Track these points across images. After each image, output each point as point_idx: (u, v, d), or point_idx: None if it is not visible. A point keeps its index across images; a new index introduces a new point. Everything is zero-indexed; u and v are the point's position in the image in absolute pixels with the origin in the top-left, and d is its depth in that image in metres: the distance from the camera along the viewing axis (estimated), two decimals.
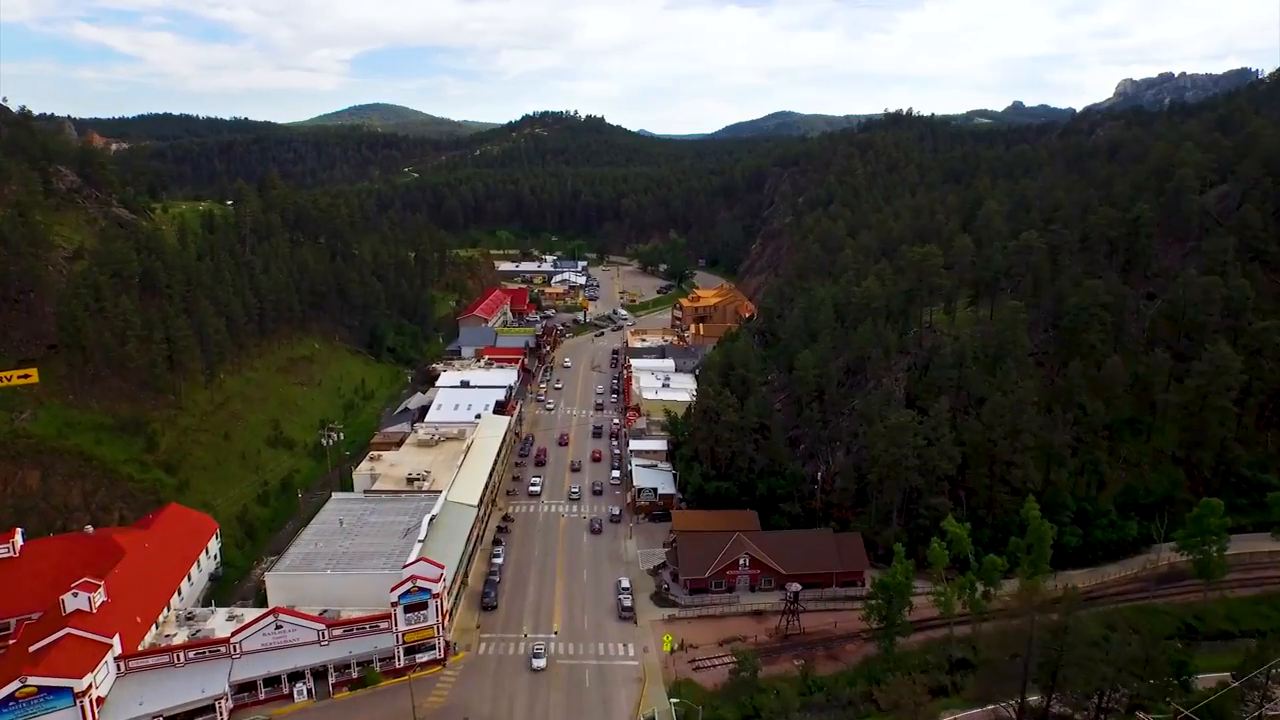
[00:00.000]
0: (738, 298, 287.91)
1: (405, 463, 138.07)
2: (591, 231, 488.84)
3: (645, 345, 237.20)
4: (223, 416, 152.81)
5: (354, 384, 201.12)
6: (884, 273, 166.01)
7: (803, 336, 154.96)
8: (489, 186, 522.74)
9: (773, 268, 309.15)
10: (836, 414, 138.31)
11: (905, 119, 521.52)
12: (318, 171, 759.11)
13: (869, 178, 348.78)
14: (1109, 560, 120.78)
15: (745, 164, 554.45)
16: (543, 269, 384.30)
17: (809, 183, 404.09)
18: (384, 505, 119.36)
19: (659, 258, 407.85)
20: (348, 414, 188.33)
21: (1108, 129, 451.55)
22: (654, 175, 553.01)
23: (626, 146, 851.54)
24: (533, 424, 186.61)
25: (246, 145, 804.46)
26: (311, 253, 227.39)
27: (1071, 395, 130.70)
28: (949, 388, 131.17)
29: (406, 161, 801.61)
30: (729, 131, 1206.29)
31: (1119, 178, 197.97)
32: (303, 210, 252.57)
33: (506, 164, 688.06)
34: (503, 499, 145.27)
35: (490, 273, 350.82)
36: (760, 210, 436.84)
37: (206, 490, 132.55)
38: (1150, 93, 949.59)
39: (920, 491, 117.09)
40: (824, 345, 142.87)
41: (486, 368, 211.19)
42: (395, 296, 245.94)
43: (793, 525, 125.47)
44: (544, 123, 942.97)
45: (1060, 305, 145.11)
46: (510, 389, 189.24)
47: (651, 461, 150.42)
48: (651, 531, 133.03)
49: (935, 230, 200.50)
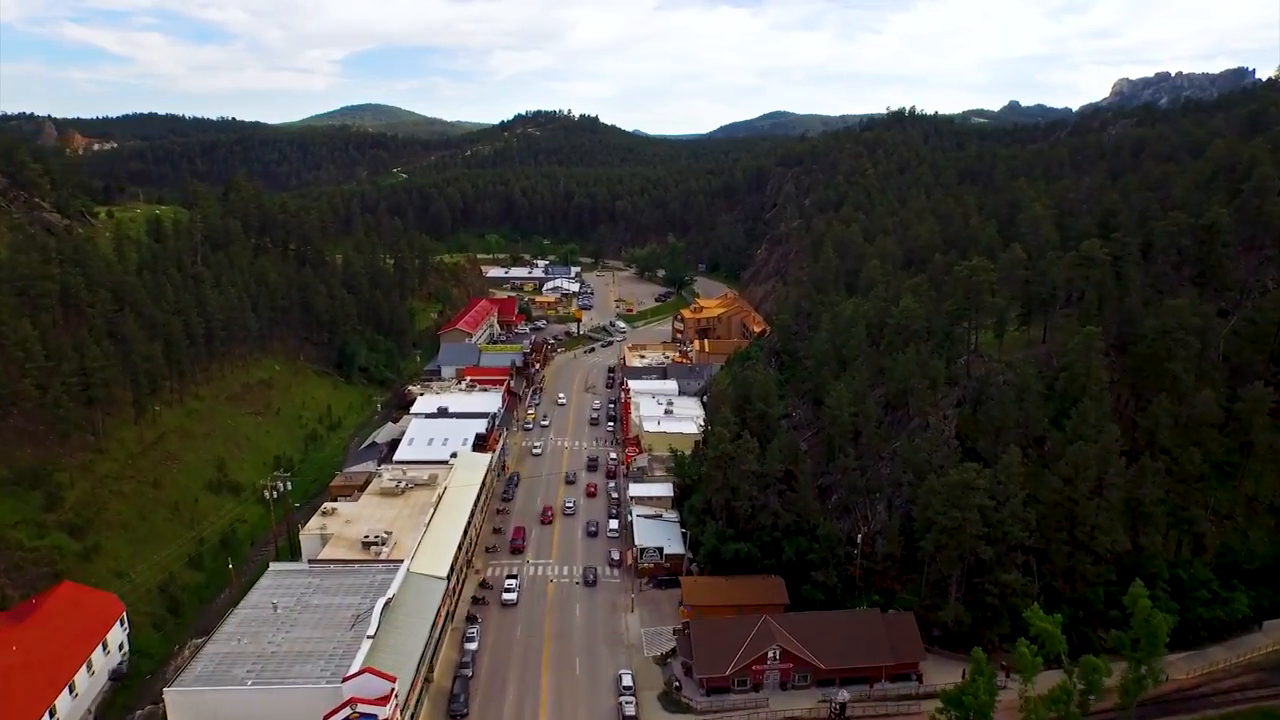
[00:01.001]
0: (743, 308, 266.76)
1: (364, 518, 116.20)
2: (585, 235, 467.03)
3: (644, 364, 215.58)
4: (154, 459, 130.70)
5: (318, 411, 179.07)
6: (920, 288, 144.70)
7: (831, 364, 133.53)
8: (478, 188, 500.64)
9: (780, 274, 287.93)
10: (875, 458, 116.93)
11: (908, 118, 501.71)
12: (303, 173, 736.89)
13: (881, 178, 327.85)
14: (1213, 641, 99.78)
15: (745, 164, 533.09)
16: (534, 275, 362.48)
17: (814, 183, 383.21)
18: (331, 580, 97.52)
19: (657, 262, 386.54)
20: (309, 447, 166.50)
21: (1119, 127, 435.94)
22: (650, 176, 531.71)
23: (621, 146, 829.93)
24: (518, 459, 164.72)
25: (229, 146, 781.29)
26: (273, 262, 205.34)
27: (1155, 438, 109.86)
28: (1009, 429, 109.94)
29: (395, 162, 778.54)
30: (724, 131, 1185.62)
31: (1178, 176, 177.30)
32: (269, 215, 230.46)
33: (498, 164, 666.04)
34: (481, 558, 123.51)
35: (478, 280, 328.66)
36: (762, 212, 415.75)
37: (123, 555, 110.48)
38: (1147, 92, 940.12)
39: (987, 563, 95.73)
40: (859, 376, 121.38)
41: (468, 390, 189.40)
42: (370, 309, 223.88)
43: (828, 598, 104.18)
44: (537, 122, 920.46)
45: (1131, 327, 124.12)
46: (493, 418, 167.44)
47: (655, 510, 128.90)
48: (657, 602, 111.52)
49: (970, 237, 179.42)
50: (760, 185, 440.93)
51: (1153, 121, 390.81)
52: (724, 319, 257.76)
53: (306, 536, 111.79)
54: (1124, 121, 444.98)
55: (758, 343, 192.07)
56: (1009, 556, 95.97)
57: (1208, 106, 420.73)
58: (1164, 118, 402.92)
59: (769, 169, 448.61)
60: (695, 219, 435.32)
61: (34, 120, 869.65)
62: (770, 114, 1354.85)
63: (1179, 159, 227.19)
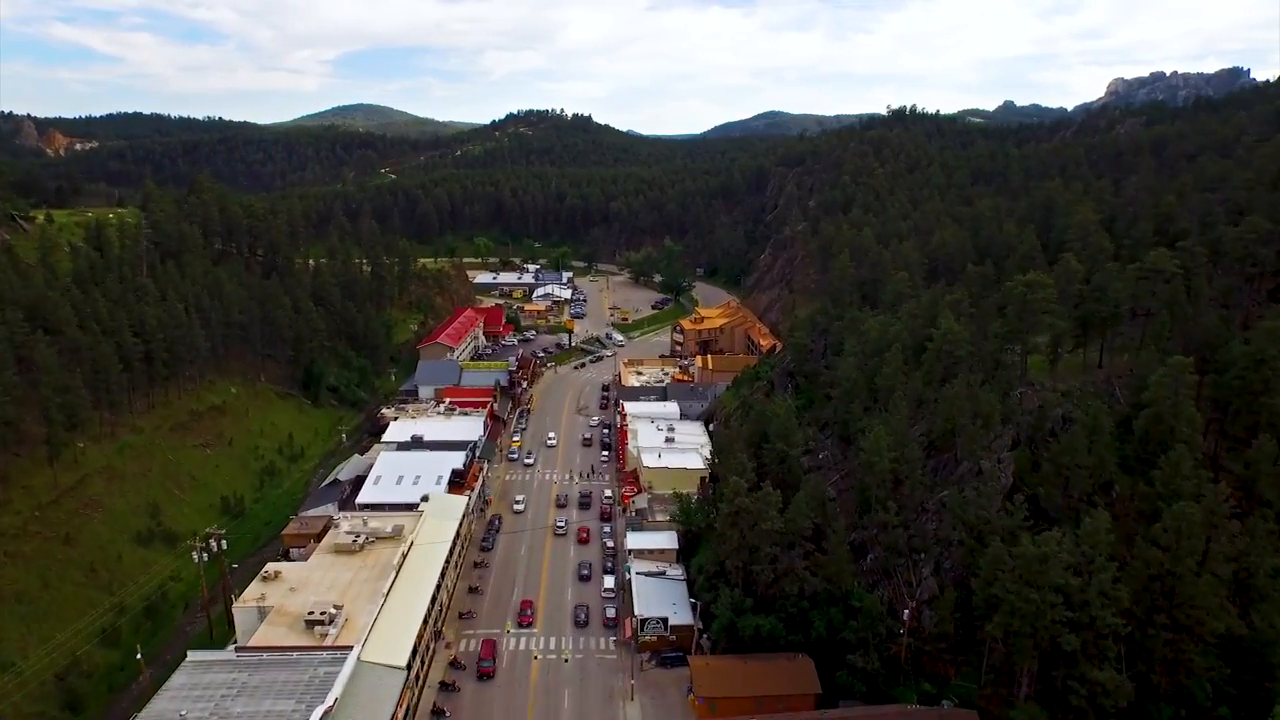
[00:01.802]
0: (747, 318, 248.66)
1: (312, 584, 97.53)
2: (578, 237, 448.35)
3: (642, 382, 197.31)
4: (69, 508, 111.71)
5: (278, 440, 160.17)
6: (960, 304, 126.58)
7: (861, 395, 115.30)
8: (467, 189, 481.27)
9: (785, 281, 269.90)
10: (918, 511, 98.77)
11: (909, 116, 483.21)
12: (288, 173, 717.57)
13: (889, 178, 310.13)
14: None
15: (743, 164, 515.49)
16: (523, 281, 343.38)
17: (818, 184, 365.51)
18: (262, 676, 78.93)
19: (653, 267, 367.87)
20: (266, 484, 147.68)
21: (1128, 125, 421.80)
22: (645, 176, 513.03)
23: (615, 146, 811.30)
24: (500, 495, 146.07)
25: (213, 145, 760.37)
26: (234, 271, 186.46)
27: (1254, 489, 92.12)
28: (1079, 477, 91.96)
29: (383, 162, 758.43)
30: (718, 131, 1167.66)
31: (1233, 173, 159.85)
32: (233, 219, 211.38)
33: (489, 164, 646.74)
34: (452, 627, 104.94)
35: (464, 287, 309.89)
36: (763, 214, 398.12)
37: (12, 637, 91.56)
38: (1143, 91, 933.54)
39: (1070, 654, 77.63)
40: (898, 413, 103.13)
41: (447, 415, 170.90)
42: (343, 322, 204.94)
43: (869, 687, 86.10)
44: (529, 121, 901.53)
45: (1211, 352, 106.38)
46: (473, 448, 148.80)
47: (659, 566, 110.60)
48: (662, 686, 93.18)
49: (1004, 245, 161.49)
50: (760, 186, 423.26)
51: (1163, 120, 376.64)
52: (727, 330, 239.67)
53: (242, 609, 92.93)
54: (1133, 120, 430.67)
55: (767, 361, 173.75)
56: (1098, 646, 77.86)
57: (1218, 105, 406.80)
58: (1176, 116, 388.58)
59: (769, 169, 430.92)
60: (692, 221, 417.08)
61: (12, 120, 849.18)
62: (764, 114, 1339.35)
63: (1205, 157, 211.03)
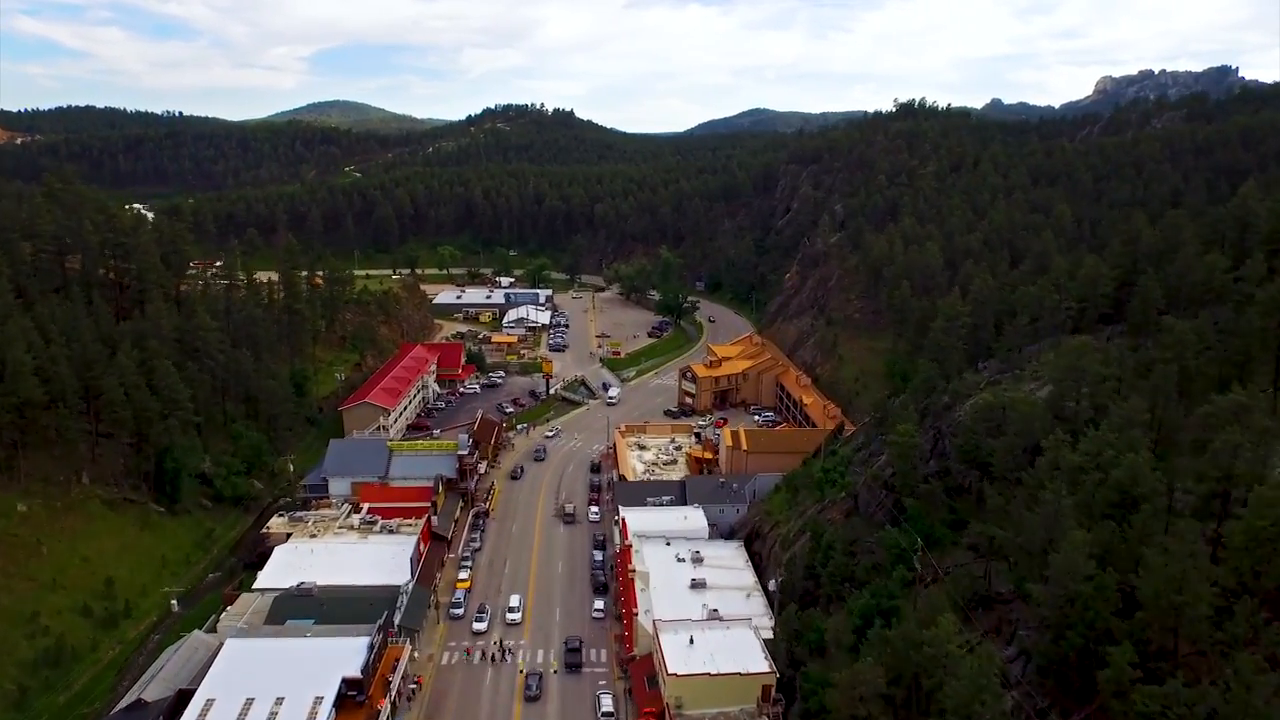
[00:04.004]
0: (776, 360, 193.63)
1: None
2: (559, 245, 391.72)
3: (648, 466, 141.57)
4: None
5: (92, 587, 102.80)
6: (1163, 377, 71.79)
7: (1036, 549, 59.80)
8: (431, 189, 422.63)
9: (818, 307, 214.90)
10: None
11: (919, 110, 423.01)
12: (241, 171, 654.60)
13: (935, 179, 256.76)
14: None
15: (742, 160, 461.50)
16: (493, 301, 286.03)
17: (840, 184, 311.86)
18: None
19: (647, 281, 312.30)
20: (49, 675, 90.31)
21: (1165, 119, 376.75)
22: (634, 175, 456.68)
23: (599, 143, 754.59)
24: (429, 714, 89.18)
25: (158, 140, 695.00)
26: (69, 312, 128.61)
27: None
28: None
29: (348, 160, 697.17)
30: (703, 129, 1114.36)
31: None
32: (79, 234, 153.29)
33: (464, 163, 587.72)
34: None
35: (418, 312, 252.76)
36: (772, 218, 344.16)
37: None
38: (1131, 90, 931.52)
39: None
40: None
41: (363, 531, 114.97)
42: (233, 377, 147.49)
43: None
44: (507, 117, 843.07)
45: None
46: (387, 615, 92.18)
47: None
48: None
49: (1179, 276, 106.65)
50: (768, 186, 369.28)
51: (1202, 116, 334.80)
52: (751, 376, 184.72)
53: None
54: (1170, 114, 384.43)
55: (835, 449, 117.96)
56: None
57: (1267, 95, 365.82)
58: (1219, 110, 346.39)
59: (777, 166, 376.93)
60: (690, 226, 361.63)
61: None
62: (749, 111, 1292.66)
63: None
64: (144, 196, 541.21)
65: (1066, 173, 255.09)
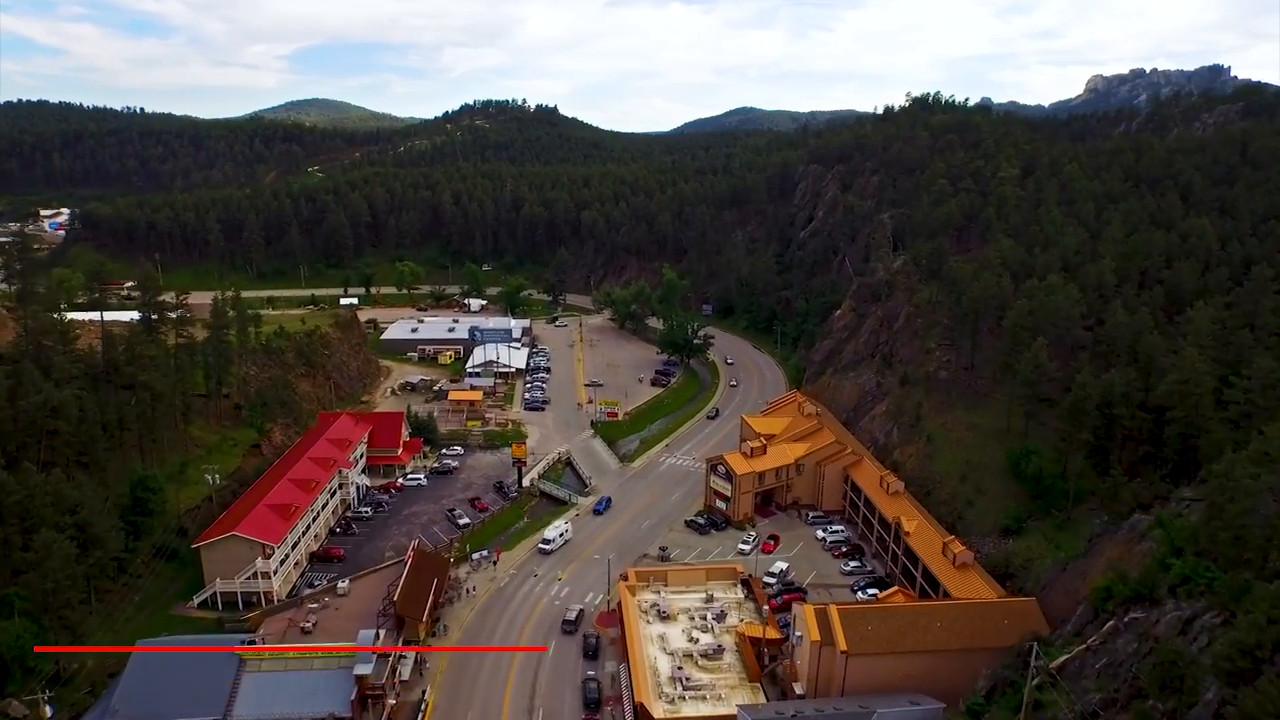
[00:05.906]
0: (837, 435, 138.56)
1: None
2: (540, 258, 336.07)
3: (676, 661, 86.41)
4: None
5: None
6: None
7: None
8: (394, 194, 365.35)
9: (882, 355, 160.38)
10: None
11: (934, 106, 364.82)
12: (192, 171, 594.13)
13: (1033, 188, 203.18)
14: None
15: (753, 160, 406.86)
16: (455, 336, 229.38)
17: (881, 189, 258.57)
18: None
19: (646, 306, 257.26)
20: None
21: (1217, 115, 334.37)
22: (625, 177, 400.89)
23: (585, 141, 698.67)
24: None
25: (100, 137, 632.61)
26: None
27: None
28: None
29: (312, 159, 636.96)
30: (690, 128, 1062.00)
31: None
32: None
33: (438, 163, 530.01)
34: None
35: (355, 357, 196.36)
36: (792, 228, 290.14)
37: None
38: (1124, 89, 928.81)
39: None
40: None
41: None
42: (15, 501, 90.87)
43: None
44: (486, 113, 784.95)
45: None
46: None
47: None
48: None
49: None
50: (784, 189, 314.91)
51: (1261, 110, 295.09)
52: (808, 465, 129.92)
53: None
54: (1224, 108, 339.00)
55: (1047, 658, 63.74)
56: None
57: None
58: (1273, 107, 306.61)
59: (794, 167, 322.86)
60: (693, 238, 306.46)
61: None
62: (736, 110, 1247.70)
63: None
64: (83, 199, 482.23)
65: (1171, 177, 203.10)
